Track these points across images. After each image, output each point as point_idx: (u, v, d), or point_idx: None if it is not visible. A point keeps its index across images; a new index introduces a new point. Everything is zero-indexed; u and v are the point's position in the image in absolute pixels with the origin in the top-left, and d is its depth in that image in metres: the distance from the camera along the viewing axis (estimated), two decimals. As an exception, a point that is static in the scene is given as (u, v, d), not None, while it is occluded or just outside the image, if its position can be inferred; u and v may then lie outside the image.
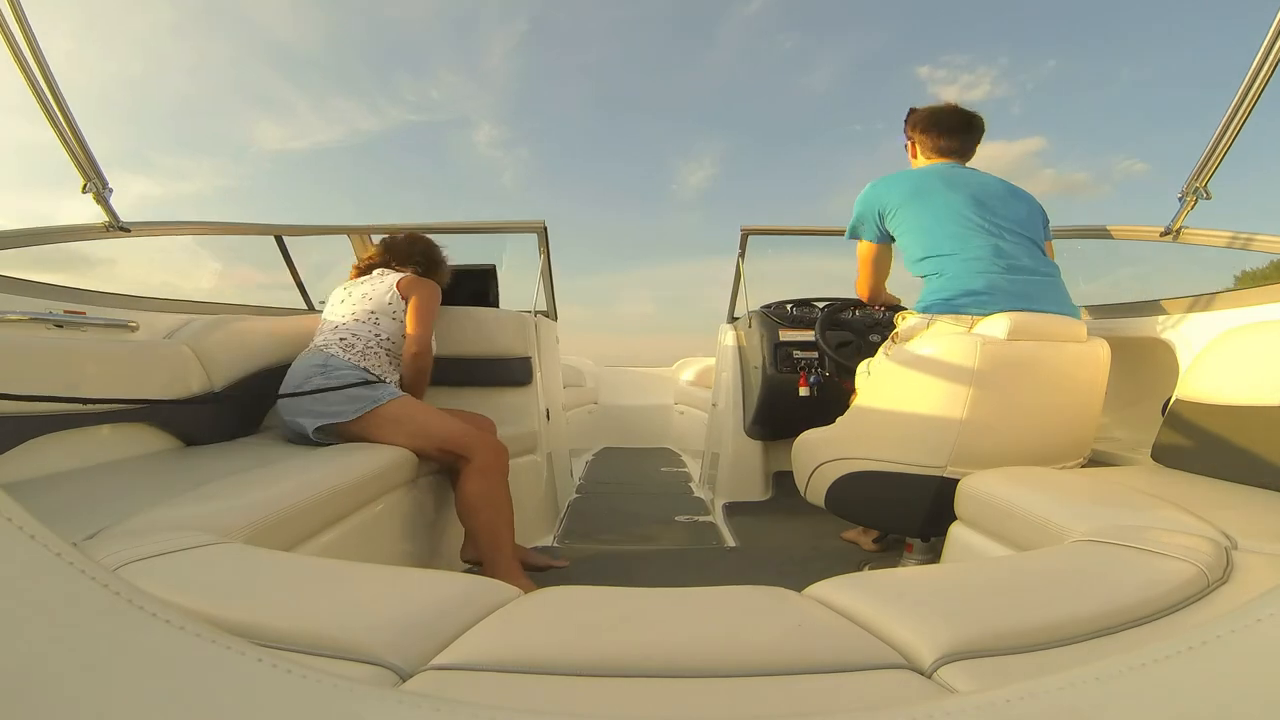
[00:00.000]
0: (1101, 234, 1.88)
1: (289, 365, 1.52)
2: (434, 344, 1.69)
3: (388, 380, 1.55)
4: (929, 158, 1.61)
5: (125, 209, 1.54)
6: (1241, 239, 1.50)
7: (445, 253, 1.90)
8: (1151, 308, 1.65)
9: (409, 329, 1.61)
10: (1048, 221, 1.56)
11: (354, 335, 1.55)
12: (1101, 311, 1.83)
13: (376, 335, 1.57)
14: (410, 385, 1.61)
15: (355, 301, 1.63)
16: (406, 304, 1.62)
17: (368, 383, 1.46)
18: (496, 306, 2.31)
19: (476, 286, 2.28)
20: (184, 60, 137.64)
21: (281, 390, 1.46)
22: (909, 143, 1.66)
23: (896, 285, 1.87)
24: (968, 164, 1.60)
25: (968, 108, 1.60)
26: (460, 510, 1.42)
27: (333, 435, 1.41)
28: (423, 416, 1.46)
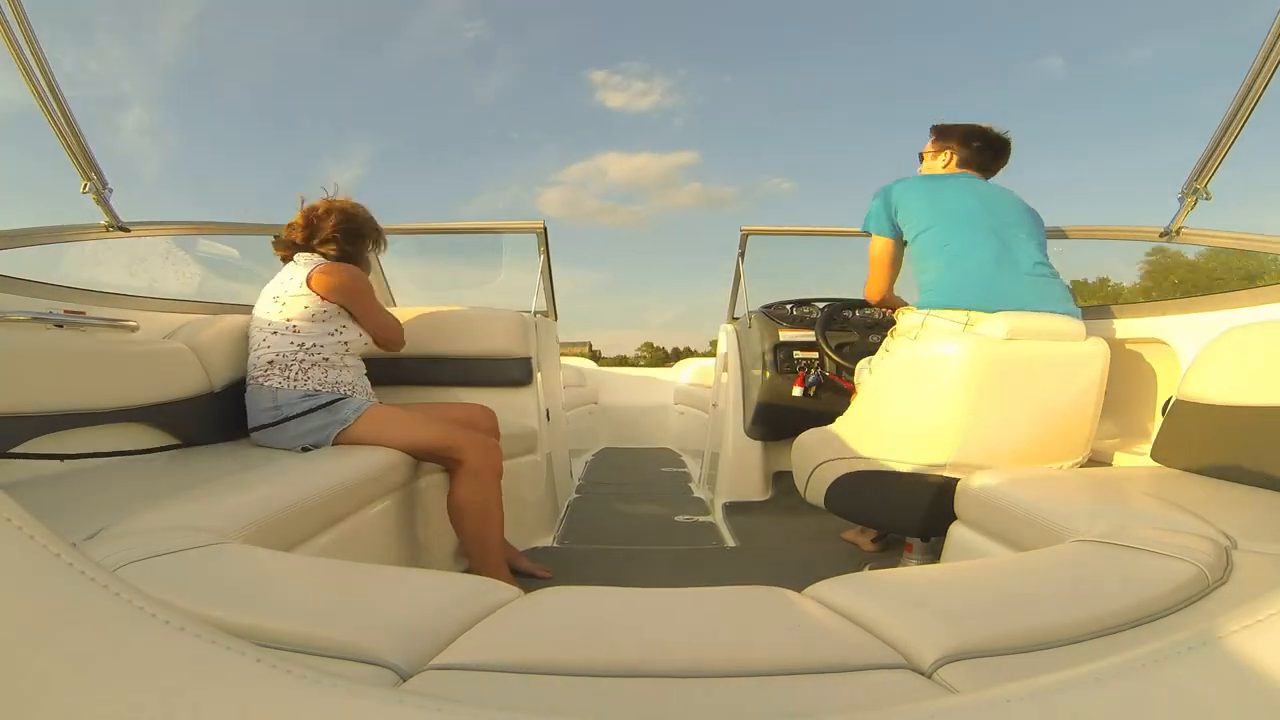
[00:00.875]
0: (1099, 234, 1.88)
1: None
2: (394, 320, 1.62)
3: (344, 387, 1.46)
4: (954, 168, 1.63)
5: None
6: (1241, 239, 1.50)
7: (357, 211, 1.62)
8: (1151, 308, 1.65)
9: (364, 327, 1.54)
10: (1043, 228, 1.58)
11: (280, 355, 1.43)
12: (1101, 311, 1.83)
13: (301, 346, 1.44)
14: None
15: (267, 304, 1.47)
16: (326, 300, 1.46)
17: (325, 405, 1.39)
18: None
19: None
20: None
21: (250, 425, 1.43)
22: (934, 151, 1.67)
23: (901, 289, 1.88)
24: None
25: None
26: (449, 515, 1.40)
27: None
28: (398, 428, 1.39)
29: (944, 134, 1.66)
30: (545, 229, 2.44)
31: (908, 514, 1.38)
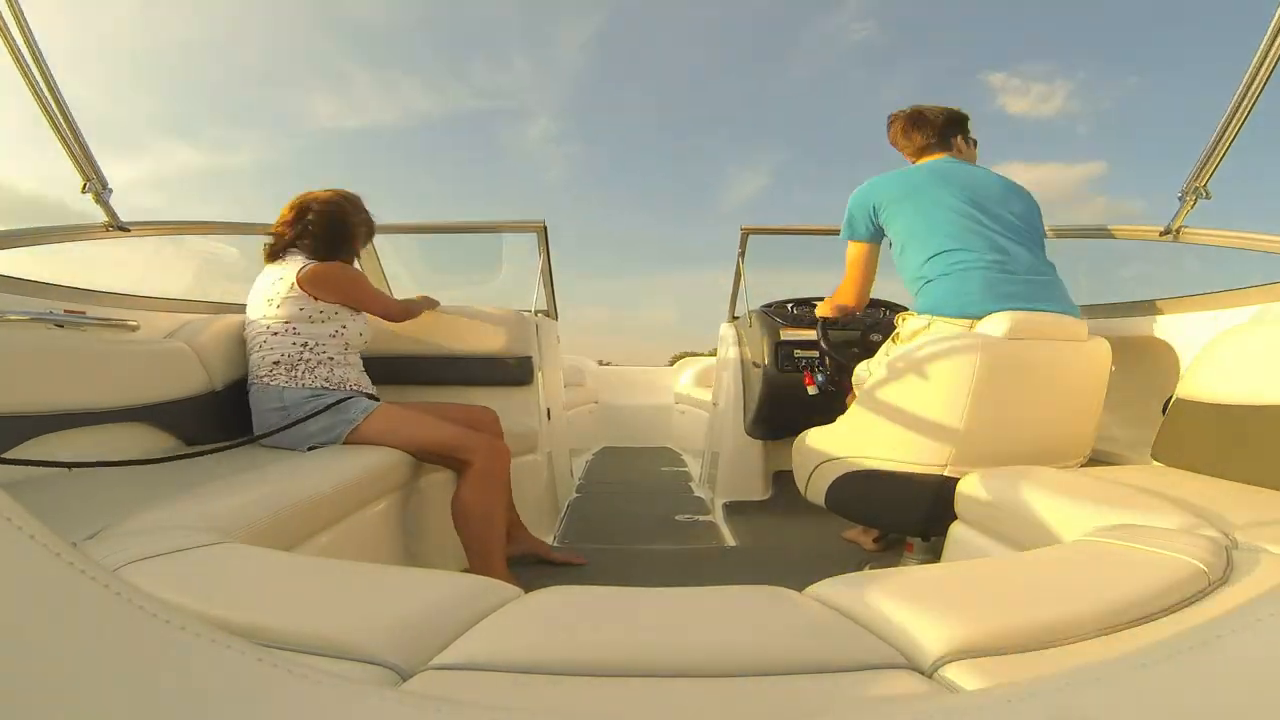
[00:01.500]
0: (1101, 234, 1.88)
1: None
2: (393, 300, 1.75)
3: (350, 385, 1.48)
4: (916, 158, 1.63)
5: (166, 178, 1.51)
6: (1241, 238, 1.50)
7: (342, 205, 1.57)
8: (1151, 307, 1.65)
9: (373, 313, 1.62)
10: (1042, 218, 1.56)
11: (285, 355, 1.44)
12: (1101, 311, 1.83)
13: (305, 346, 1.45)
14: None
15: (262, 306, 1.46)
16: (321, 301, 1.46)
17: (332, 406, 1.39)
18: None
19: None
20: (248, 27, 78.43)
21: (256, 426, 1.42)
22: (907, 140, 1.66)
23: (892, 288, 1.87)
24: (961, 158, 1.60)
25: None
26: (453, 516, 1.39)
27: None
28: (408, 428, 1.39)
29: (896, 132, 1.65)
30: (545, 228, 2.44)
31: (908, 514, 1.38)
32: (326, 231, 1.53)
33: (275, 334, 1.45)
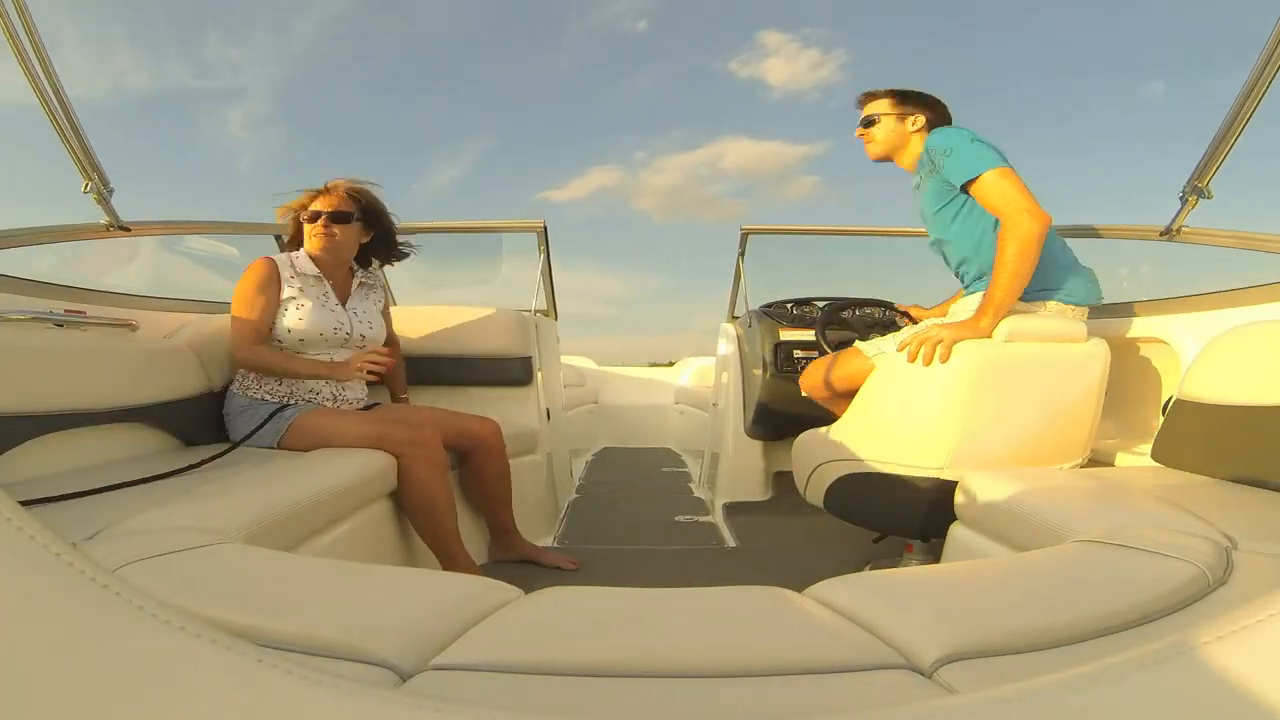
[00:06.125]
0: (1099, 233, 1.88)
1: None
2: (240, 327, 1.45)
3: (289, 394, 1.47)
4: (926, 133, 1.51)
5: None
6: (1241, 238, 1.50)
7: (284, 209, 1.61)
8: (1151, 307, 1.65)
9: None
10: None
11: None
12: (1101, 311, 1.83)
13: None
14: (286, 376, 1.47)
15: None
16: None
17: (270, 419, 1.39)
18: None
19: None
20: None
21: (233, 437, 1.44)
22: (915, 119, 1.52)
23: (890, 285, 1.86)
24: None
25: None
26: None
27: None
28: (329, 438, 1.35)
29: (906, 97, 1.54)
30: (545, 228, 2.45)
31: (907, 515, 1.38)
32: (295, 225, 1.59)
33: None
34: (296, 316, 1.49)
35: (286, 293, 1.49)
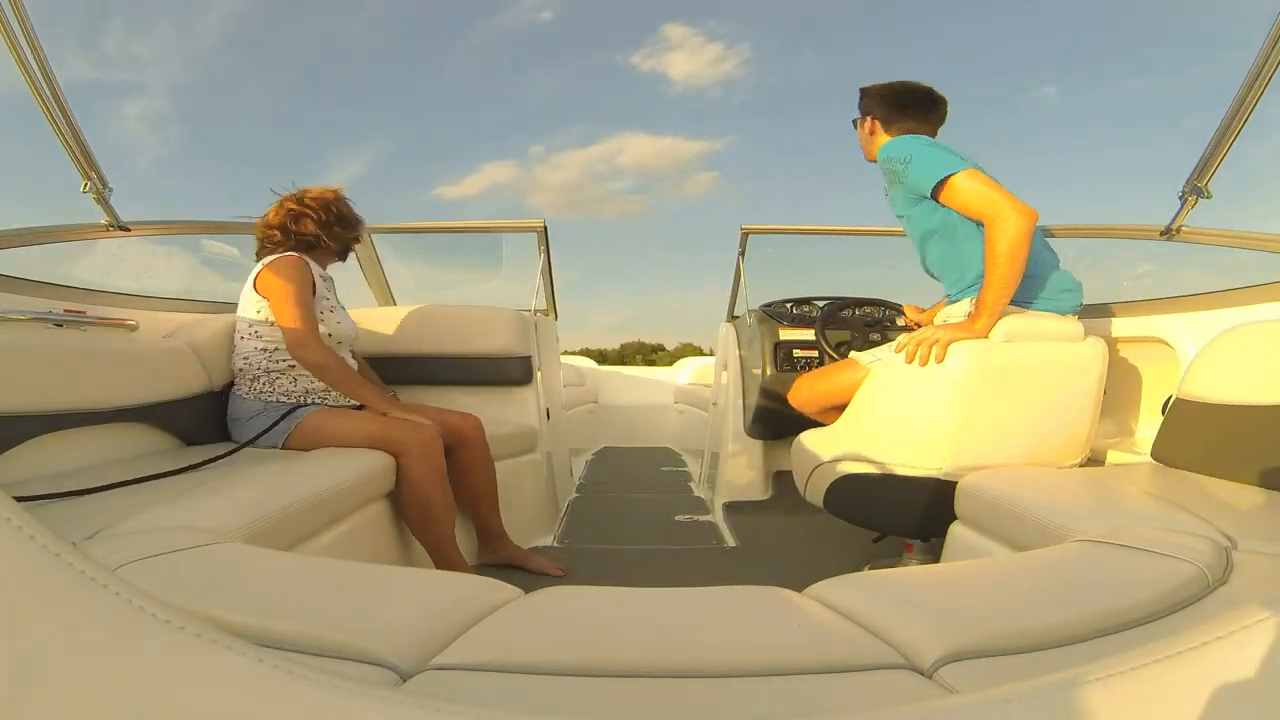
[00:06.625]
0: (1099, 233, 1.88)
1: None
2: (303, 329, 1.37)
3: (297, 394, 1.44)
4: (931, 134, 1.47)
5: None
6: (1241, 238, 1.50)
7: (314, 204, 1.53)
8: (1151, 307, 1.65)
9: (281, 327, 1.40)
10: None
11: (247, 362, 1.43)
12: (1101, 311, 1.83)
13: (265, 351, 1.43)
14: (336, 388, 1.42)
15: (240, 307, 1.46)
16: (268, 299, 1.42)
17: (279, 421, 1.37)
18: None
19: None
20: None
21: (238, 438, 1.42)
22: (869, 121, 1.49)
23: (892, 284, 1.87)
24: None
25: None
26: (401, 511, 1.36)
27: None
28: (335, 438, 1.34)
29: (881, 102, 1.48)
30: (545, 228, 2.45)
31: (907, 515, 1.38)
32: (291, 231, 1.53)
33: (243, 338, 1.45)
34: (335, 320, 1.52)
35: (318, 293, 1.50)
